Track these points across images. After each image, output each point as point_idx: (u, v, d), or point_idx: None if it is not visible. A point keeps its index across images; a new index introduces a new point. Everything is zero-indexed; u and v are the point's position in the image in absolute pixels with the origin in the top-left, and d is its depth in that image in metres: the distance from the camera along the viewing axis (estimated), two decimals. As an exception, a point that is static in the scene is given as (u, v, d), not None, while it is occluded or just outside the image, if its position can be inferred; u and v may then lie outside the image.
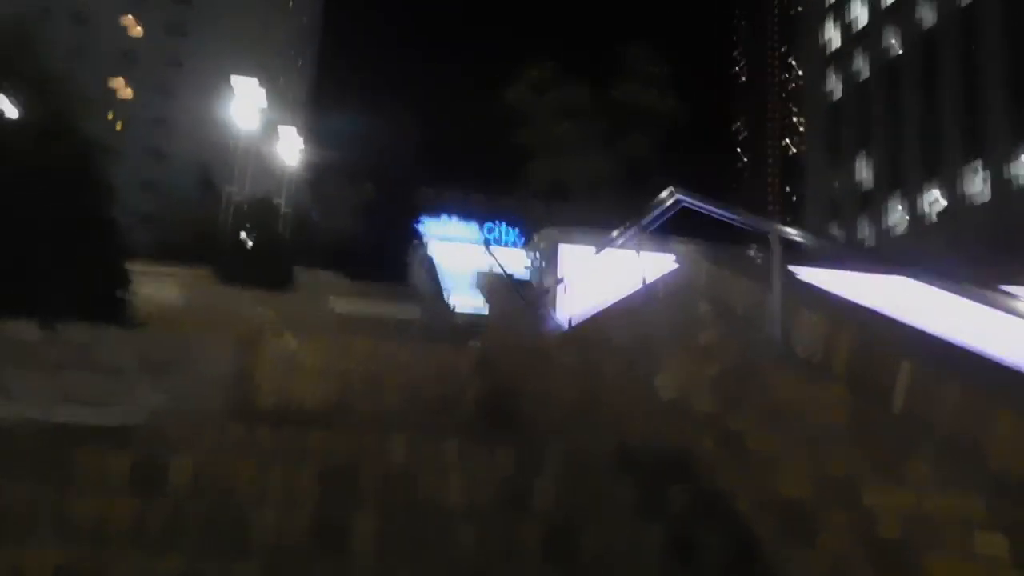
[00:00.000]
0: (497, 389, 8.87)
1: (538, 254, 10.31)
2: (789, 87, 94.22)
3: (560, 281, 6.93)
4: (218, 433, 3.85)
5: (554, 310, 8.36)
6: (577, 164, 13.62)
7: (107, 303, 5.88)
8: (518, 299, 8.98)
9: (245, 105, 20.69)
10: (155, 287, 18.60)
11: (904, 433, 2.60)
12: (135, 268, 23.14)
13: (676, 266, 4.67)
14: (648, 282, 5.08)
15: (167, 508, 3.43)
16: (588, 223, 13.59)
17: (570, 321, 6.83)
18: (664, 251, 5.13)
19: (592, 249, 9.01)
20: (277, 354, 9.64)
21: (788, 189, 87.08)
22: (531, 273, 10.91)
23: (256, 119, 21.24)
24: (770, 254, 3.50)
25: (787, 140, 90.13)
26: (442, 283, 21.63)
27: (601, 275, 6.68)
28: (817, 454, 3.11)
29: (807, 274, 3.82)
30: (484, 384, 9.18)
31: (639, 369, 5.09)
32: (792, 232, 3.58)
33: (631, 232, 5.51)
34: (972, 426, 2.31)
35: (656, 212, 5.21)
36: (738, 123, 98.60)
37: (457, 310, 22.18)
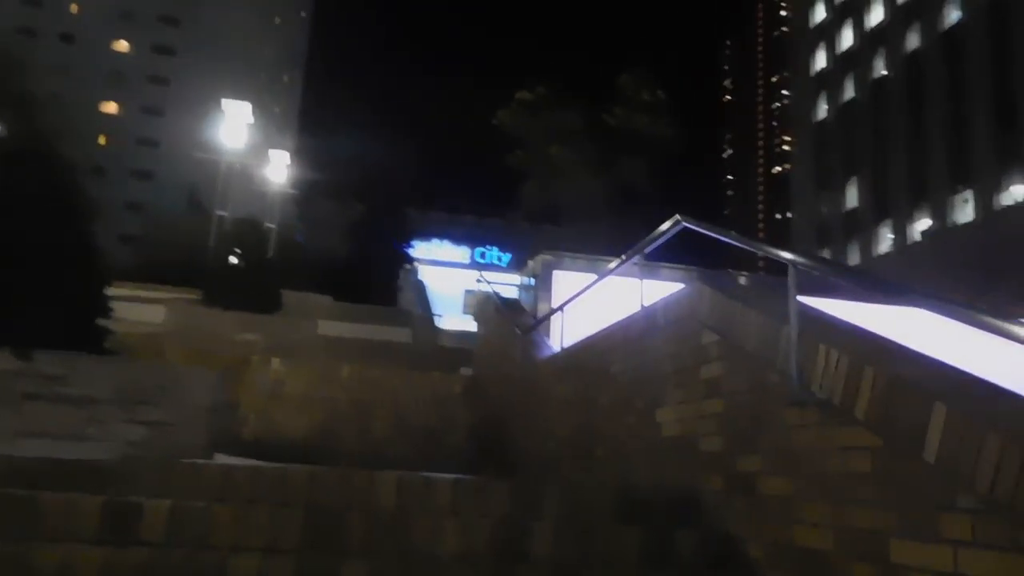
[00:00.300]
0: (488, 418, 8.64)
1: (531, 279, 10.14)
2: (775, 111, 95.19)
3: (558, 310, 6.73)
4: (195, 474, 3.61)
5: (547, 337, 8.16)
6: (570, 187, 13.48)
7: (86, 332, 5.62)
8: (510, 325, 8.78)
9: (234, 126, 20.51)
10: (140, 311, 18.29)
11: (938, 483, 2.41)
12: (120, 291, 22.77)
13: (677, 293, 4.49)
14: (647, 308, 4.89)
15: (139, 558, 3.18)
16: (581, 247, 13.50)
17: (562, 347, 6.63)
18: (664, 278, 4.94)
19: (586, 275, 8.85)
20: (263, 382, 9.37)
21: (778, 216, 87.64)
22: (524, 298, 10.72)
23: (244, 140, 21.06)
24: (784, 285, 3.32)
25: (778, 167, 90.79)
26: (432, 307, 21.41)
27: (597, 300, 6.50)
28: (839, 503, 2.92)
29: (822, 305, 3.64)
30: (475, 413, 8.95)
31: (639, 402, 4.89)
32: (810, 263, 3.41)
33: (631, 258, 5.33)
34: (1016, 477, 2.12)
35: (658, 239, 5.04)
36: (726, 147, 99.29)
37: (447, 334, 21.97)
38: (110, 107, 63.00)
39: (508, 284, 11.05)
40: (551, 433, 6.66)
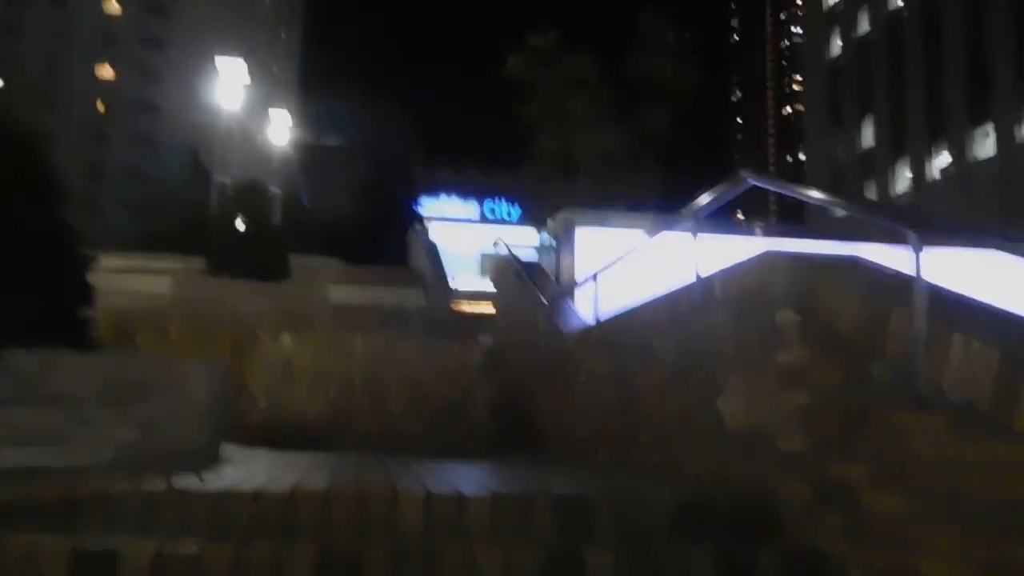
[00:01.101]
0: (511, 392, 8.06)
1: (552, 238, 9.43)
2: (785, 50, 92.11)
3: (591, 278, 6.05)
4: (185, 503, 3.02)
5: (572, 302, 7.51)
6: (587, 139, 12.61)
7: (66, 323, 5.01)
8: (532, 292, 8.13)
9: (230, 85, 19.60)
10: (145, 283, 17.76)
11: None
12: (124, 263, 22.26)
13: (743, 262, 3.80)
14: (703, 279, 4.22)
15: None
16: (599, 201, 12.82)
17: (597, 319, 5.97)
18: (725, 240, 4.28)
19: (613, 232, 8.14)
20: (272, 359, 8.80)
21: (789, 158, 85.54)
22: (544, 261, 10.03)
23: (241, 99, 20.16)
24: (908, 256, 2.64)
25: (788, 108, 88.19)
26: (444, 267, 20.74)
27: (634, 264, 5.83)
28: (981, 533, 2.29)
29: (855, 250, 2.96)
30: (496, 386, 8.36)
31: (692, 387, 4.25)
32: (937, 223, 2.71)
33: (684, 219, 4.63)
34: None
35: (720, 198, 4.33)
36: (734, 89, 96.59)
37: (462, 296, 21.37)
38: (106, 71, 61.57)
39: (526, 246, 10.35)
40: (583, 412, 6.06)
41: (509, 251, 9.40)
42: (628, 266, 5.97)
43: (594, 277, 5.98)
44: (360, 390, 8.25)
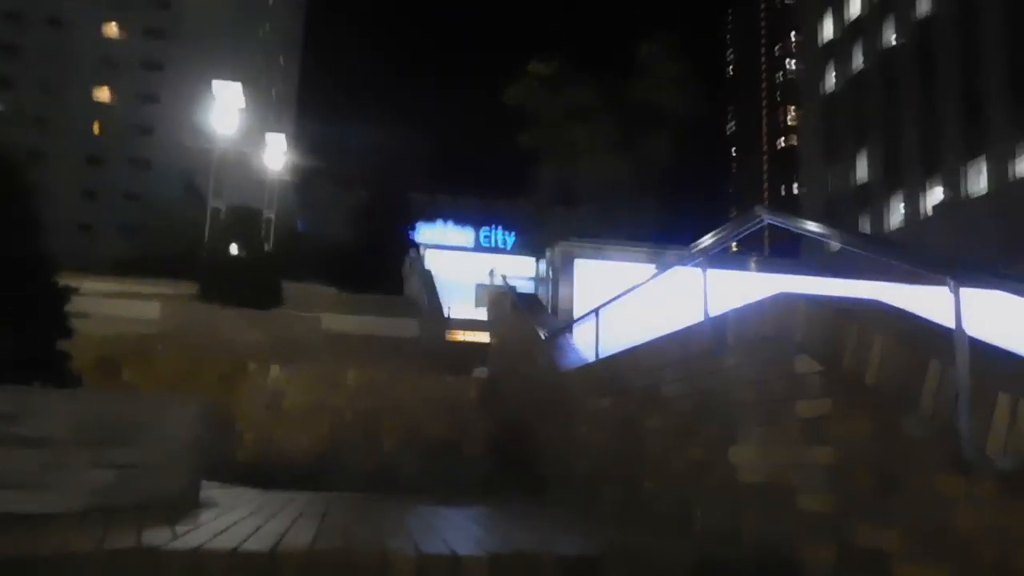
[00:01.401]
0: (509, 428, 7.81)
1: (550, 269, 9.24)
2: (779, 83, 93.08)
3: (592, 313, 5.84)
4: (155, 564, 2.76)
5: (571, 336, 7.29)
6: (587, 168, 12.48)
7: (41, 358, 4.76)
8: (529, 325, 7.91)
9: (226, 110, 19.51)
10: (136, 309, 17.46)
11: None
12: (115, 287, 21.88)
13: (758, 303, 3.61)
14: (714, 319, 4.01)
15: None
16: (597, 231, 12.64)
17: (598, 355, 5.75)
18: (736, 276, 4.07)
19: (613, 265, 7.96)
20: (261, 392, 8.55)
21: (782, 190, 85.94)
22: (540, 290, 9.83)
23: (236, 124, 20.06)
24: (949, 303, 2.44)
25: (782, 140, 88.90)
26: (439, 297, 20.50)
27: (638, 300, 5.63)
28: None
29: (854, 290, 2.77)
30: (493, 421, 8.12)
31: (703, 434, 4.03)
32: (976, 268, 2.52)
33: (693, 254, 4.44)
34: None
35: (732, 232, 4.15)
36: (729, 120, 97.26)
37: (457, 326, 21.11)
38: (103, 94, 61.65)
39: (523, 277, 10.13)
40: (585, 451, 5.82)
41: (505, 282, 9.19)
42: (631, 301, 5.77)
43: (595, 312, 5.77)
44: (352, 425, 7.99)
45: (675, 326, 4.51)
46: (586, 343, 6.34)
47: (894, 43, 38.08)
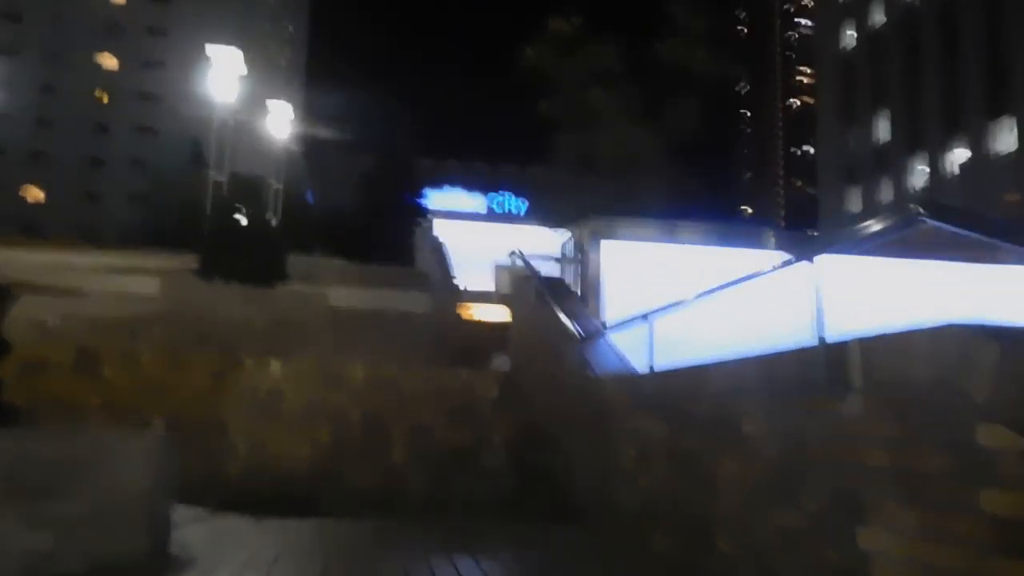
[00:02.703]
0: (531, 436, 6.82)
1: (575, 250, 8.16)
2: (791, 41, 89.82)
3: (641, 317, 4.78)
4: None
5: (607, 333, 6.25)
6: (611, 137, 11.30)
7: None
8: (555, 315, 6.88)
9: (225, 76, 18.27)
10: (130, 283, 16.54)
11: None
12: (113, 260, 21.00)
13: (910, 334, 2.54)
14: (828, 343, 2.96)
15: None
16: (622, 202, 11.58)
17: (651, 367, 4.71)
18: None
19: (650, 247, 6.91)
20: (255, 390, 7.59)
21: (795, 150, 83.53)
22: (564, 271, 8.75)
23: (236, 91, 18.83)
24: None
25: (795, 100, 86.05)
26: (451, 269, 19.48)
27: (687, 282, 4.58)
28: None
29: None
30: (514, 426, 7.13)
31: (809, 498, 3.01)
32: None
33: (805, 245, 3.36)
34: None
35: (881, 232, 3.06)
36: (741, 81, 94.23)
37: (469, 298, 20.13)
38: (109, 61, 60.12)
39: (543, 256, 9.04)
40: (630, 482, 4.83)
41: (528, 264, 8.13)
42: (670, 280, 4.72)
43: (645, 317, 4.70)
44: (357, 430, 7.04)
45: (764, 343, 3.46)
46: (628, 345, 5.30)
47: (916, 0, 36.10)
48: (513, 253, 8.48)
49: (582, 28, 11.98)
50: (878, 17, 38.48)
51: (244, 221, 22.64)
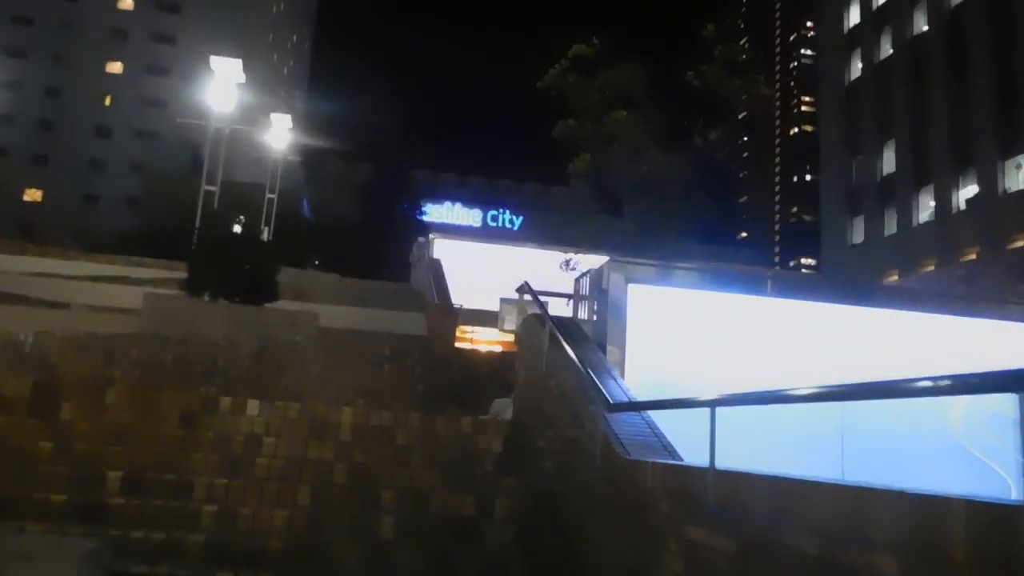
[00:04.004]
0: (543, 504, 5.84)
1: (594, 293, 7.22)
2: (793, 70, 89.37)
3: (707, 404, 3.82)
4: None
5: (620, 383, 5.31)
6: (629, 160, 10.44)
7: None
8: (571, 363, 5.95)
9: (224, 87, 17.34)
10: (115, 294, 15.52)
11: None
12: (103, 268, 19.92)
13: None
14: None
15: None
16: (640, 232, 10.78)
17: (712, 465, 3.74)
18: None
19: (684, 292, 5.99)
20: (229, 437, 6.60)
21: (795, 178, 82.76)
22: (581, 312, 7.80)
23: (234, 100, 17.92)
24: None
25: (795, 128, 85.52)
26: (449, 290, 18.51)
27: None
28: None
29: None
30: (523, 493, 6.16)
31: None
32: None
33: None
34: None
35: None
36: (741, 108, 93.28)
37: (466, 318, 19.18)
38: (115, 66, 59.28)
39: (555, 294, 8.10)
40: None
41: (539, 303, 7.18)
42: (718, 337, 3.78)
43: (712, 408, 3.68)
44: (343, 493, 6.05)
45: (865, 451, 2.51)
46: (673, 426, 4.35)
47: (924, 30, 35.54)
48: (522, 288, 7.54)
49: (603, 49, 11.16)
50: (885, 47, 37.93)
51: (238, 228, 21.66)
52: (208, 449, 6.42)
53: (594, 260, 11.73)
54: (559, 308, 8.50)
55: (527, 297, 7.82)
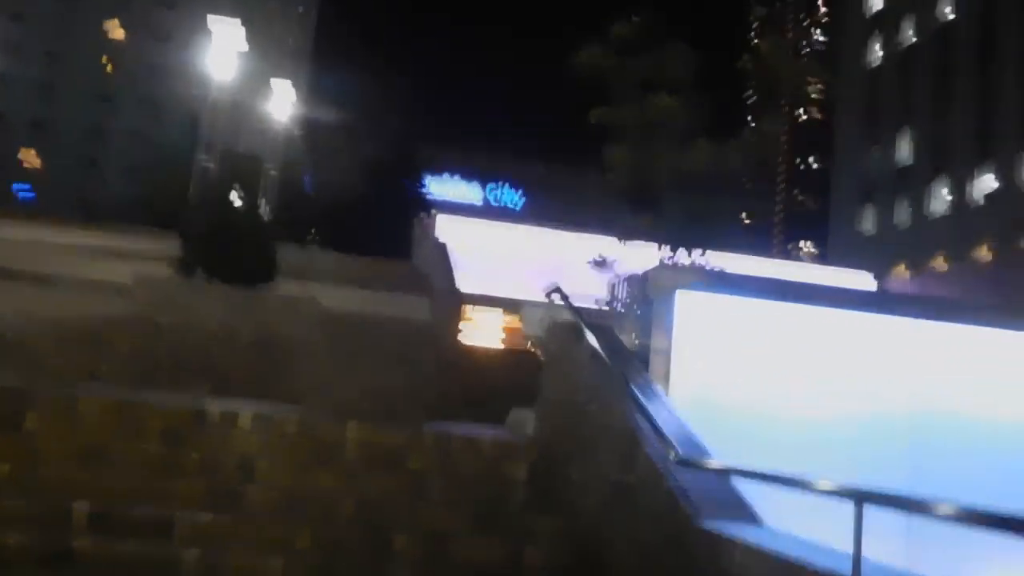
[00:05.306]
0: (586, 555, 4.98)
1: (636, 302, 6.28)
2: (806, 54, 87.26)
3: (852, 497, 2.89)
4: None
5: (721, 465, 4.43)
6: (672, 152, 9.46)
7: None
8: (617, 390, 5.05)
9: (224, 51, 16.22)
10: (106, 271, 14.52)
11: None
12: (96, 241, 18.91)
13: None
14: None
15: None
16: (683, 228, 9.78)
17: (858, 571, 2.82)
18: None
19: (748, 303, 5.09)
20: (217, 461, 5.71)
21: (799, 163, 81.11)
22: (619, 319, 6.86)
23: (235, 68, 16.77)
24: None
25: (803, 113, 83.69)
26: (455, 272, 17.60)
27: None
28: None
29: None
30: (558, 536, 5.28)
31: None
32: None
33: None
34: None
35: None
36: (749, 90, 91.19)
37: (472, 301, 18.32)
38: (115, 31, 57.63)
39: (589, 299, 7.18)
40: None
41: (576, 311, 6.25)
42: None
43: (858, 503, 2.72)
44: (349, 533, 5.16)
45: None
46: (765, 492, 3.44)
47: (950, 17, 34.25)
48: (554, 291, 6.61)
49: (644, 29, 10.10)
50: (908, 33, 36.61)
51: (238, 202, 20.59)
52: (194, 472, 5.52)
53: (606, 245, 10.76)
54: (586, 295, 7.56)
55: (558, 302, 6.87)
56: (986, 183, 31.06)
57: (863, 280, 23.57)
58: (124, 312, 11.46)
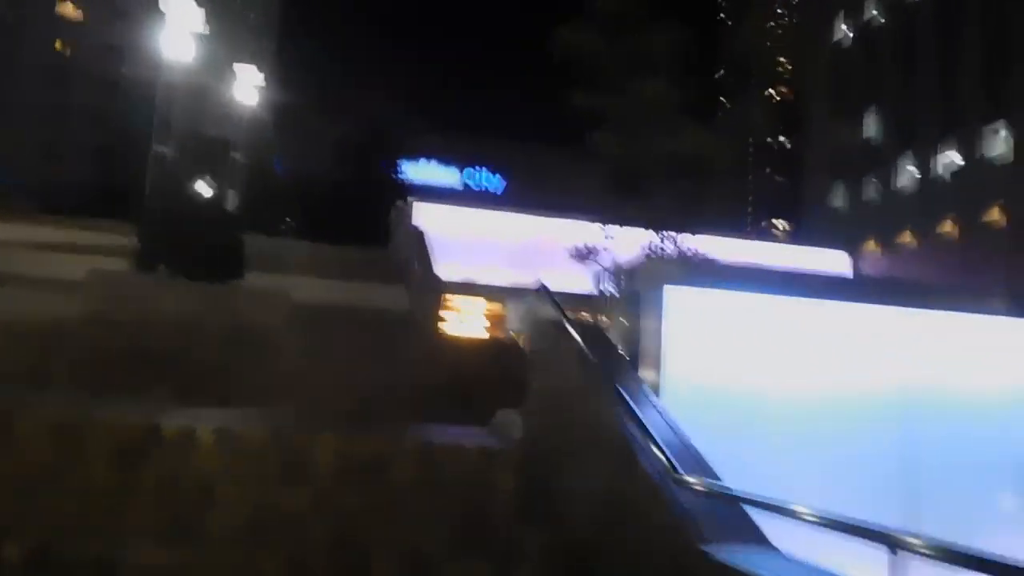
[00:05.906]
0: (576, 569, 4.57)
1: (626, 298, 5.85)
2: (771, 31, 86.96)
3: (884, 540, 2.47)
4: None
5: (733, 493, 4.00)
6: (659, 138, 8.97)
7: None
8: (617, 405, 4.62)
9: (178, 32, 15.30)
10: (57, 268, 13.68)
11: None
12: (51, 233, 17.87)
13: None
14: None
15: None
16: (667, 215, 9.36)
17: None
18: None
19: (740, 297, 4.69)
20: (174, 488, 5.17)
21: (769, 140, 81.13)
22: (606, 314, 6.42)
23: (191, 49, 15.85)
24: None
25: (770, 90, 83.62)
26: (433, 260, 17.01)
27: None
28: None
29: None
30: (548, 554, 4.86)
31: None
32: None
33: None
34: None
35: None
36: (718, 67, 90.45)
37: (451, 289, 17.78)
38: (70, 9, 55.23)
39: (571, 293, 6.73)
40: None
41: (563, 312, 5.80)
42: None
43: (892, 549, 2.29)
44: (320, 561, 4.69)
45: None
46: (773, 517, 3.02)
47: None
48: (539, 288, 6.14)
49: (629, 7, 9.53)
50: (873, 12, 36.49)
51: (206, 191, 19.73)
52: (145, 499, 4.98)
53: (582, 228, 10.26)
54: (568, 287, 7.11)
55: (542, 301, 6.40)
56: (951, 159, 31.17)
57: (839, 259, 23.53)
58: (77, 312, 10.73)
